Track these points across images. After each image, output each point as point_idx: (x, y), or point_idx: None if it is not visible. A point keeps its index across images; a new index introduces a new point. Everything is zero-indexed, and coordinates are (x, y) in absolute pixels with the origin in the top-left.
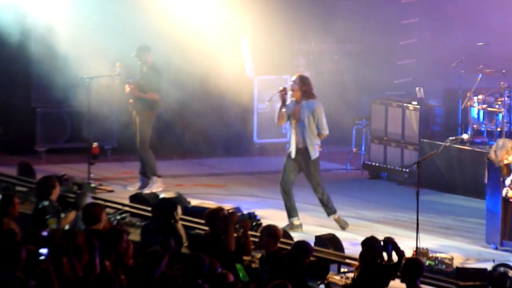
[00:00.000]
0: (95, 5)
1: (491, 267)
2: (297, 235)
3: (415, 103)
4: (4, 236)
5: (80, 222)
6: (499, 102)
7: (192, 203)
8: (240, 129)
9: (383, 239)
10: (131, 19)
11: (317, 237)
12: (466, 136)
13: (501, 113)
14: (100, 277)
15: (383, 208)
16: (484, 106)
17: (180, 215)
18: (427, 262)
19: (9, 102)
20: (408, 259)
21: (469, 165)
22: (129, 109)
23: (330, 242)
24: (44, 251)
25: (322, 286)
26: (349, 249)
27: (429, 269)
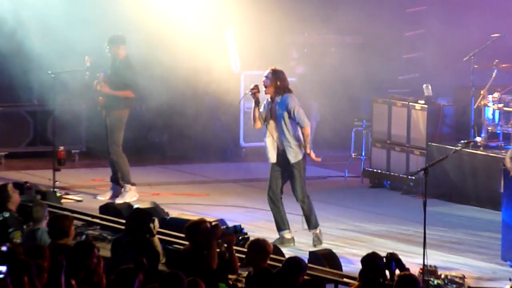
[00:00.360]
0: None
1: (508, 286)
2: (289, 251)
3: (422, 102)
4: None
5: (45, 236)
6: None
7: (171, 215)
8: (225, 131)
9: (386, 256)
10: (104, 8)
11: (312, 253)
12: (479, 139)
13: None
14: None
15: (385, 221)
16: (500, 105)
17: (157, 228)
18: (435, 281)
19: None
20: (401, 275)
21: (482, 172)
22: (98, 108)
23: (326, 258)
24: (3, 268)
25: None
26: (348, 267)
27: None
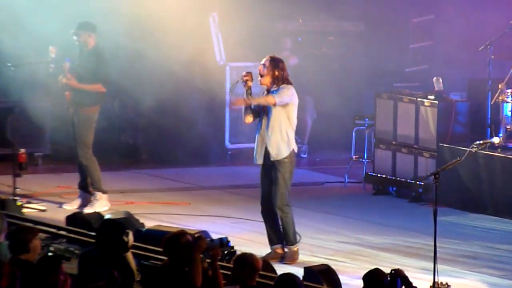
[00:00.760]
0: None
1: None
2: (281, 267)
3: (432, 97)
4: None
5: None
6: None
7: (147, 226)
8: (208, 130)
9: (391, 272)
10: None
11: (307, 269)
12: (497, 139)
13: None
14: None
15: (391, 232)
16: None
17: (132, 242)
18: None
19: None
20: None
21: (501, 177)
22: (65, 105)
23: (323, 275)
24: None
25: None
26: (348, 285)
27: None
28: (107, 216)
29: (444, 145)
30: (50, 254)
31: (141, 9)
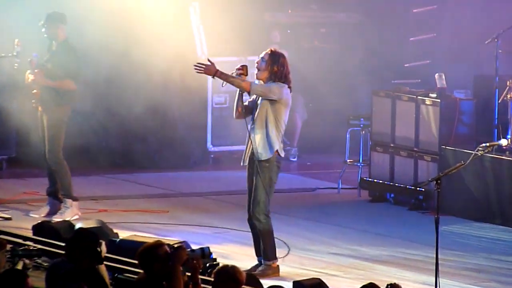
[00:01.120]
0: None
1: None
2: (268, 280)
3: (434, 95)
4: None
5: None
6: None
7: (121, 236)
8: (189, 132)
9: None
10: None
11: (297, 283)
12: (505, 141)
13: None
14: None
15: (388, 243)
16: None
17: (104, 253)
18: None
19: None
20: None
21: (508, 182)
22: (32, 104)
23: None
24: None
25: None
26: None
27: None
28: (78, 225)
29: (447, 147)
30: (16, 267)
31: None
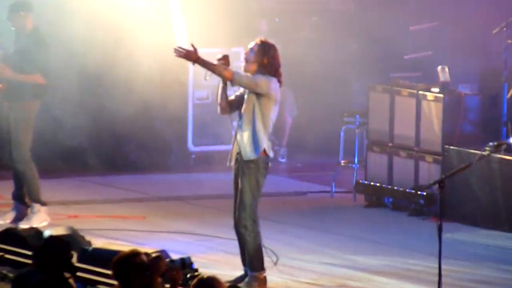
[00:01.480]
0: None
1: None
2: None
3: (436, 90)
4: None
5: None
6: None
7: (94, 244)
8: (168, 130)
9: None
10: None
11: None
12: None
13: None
14: None
15: (386, 252)
16: None
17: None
18: None
19: None
20: None
21: None
22: None
23: None
24: None
25: None
26: None
27: None
28: (46, 232)
29: (451, 147)
30: None
31: None
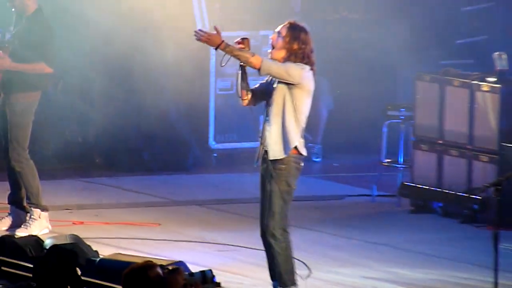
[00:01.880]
0: None
1: None
2: None
3: (492, 79)
4: None
5: None
6: None
7: (102, 255)
8: (186, 125)
9: None
10: None
11: None
12: None
13: None
14: None
15: (435, 264)
16: None
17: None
18: None
19: None
20: None
21: None
22: None
23: None
24: None
25: None
26: None
27: None
28: (48, 241)
29: (509, 144)
30: None
31: None
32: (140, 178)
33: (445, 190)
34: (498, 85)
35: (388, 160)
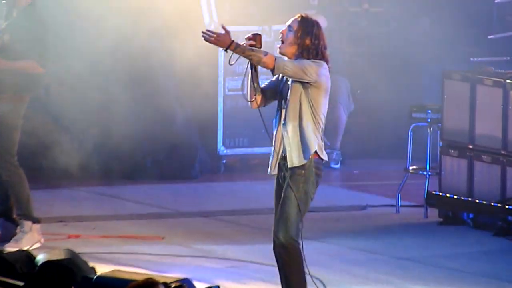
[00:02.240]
0: None
1: None
2: None
3: None
4: None
5: None
6: None
7: (99, 271)
8: (193, 130)
9: None
10: None
11: None
12: None
13: None
14: None
15: (466, 281)
16: None
17: None
18: None
19: None
20: None
21: None
22: None
23: None
24: None
25: None
26: None
27: None
28: (40, 257)
29: None
30: None
31: None
32: (142, 187)
33: (476, 200)
34: None
35: (413, 167)
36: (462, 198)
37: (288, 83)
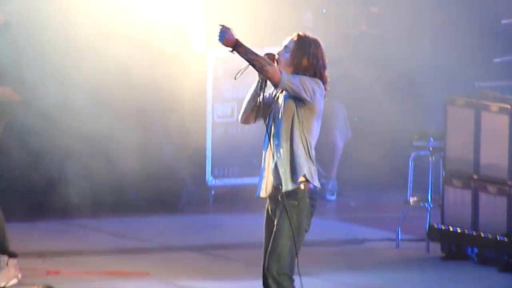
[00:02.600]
0: None
1: None
2: None
3: None
4: None
5: None
6: None
7: None
8: (180, 159)
9: None
10: None
11: None
12: None
13: None
14: None
15: None
16: None
17: None
18: None
19: None
20: None
21: None
22: None
23: None
24: None
25: None
26: None
27: None
28: None
29: None
30: None
31: None
32: (126, 220)
33: (481, 233)
34: None
35: (414, 198)
36: (466, 231)
37: (279, 101)
